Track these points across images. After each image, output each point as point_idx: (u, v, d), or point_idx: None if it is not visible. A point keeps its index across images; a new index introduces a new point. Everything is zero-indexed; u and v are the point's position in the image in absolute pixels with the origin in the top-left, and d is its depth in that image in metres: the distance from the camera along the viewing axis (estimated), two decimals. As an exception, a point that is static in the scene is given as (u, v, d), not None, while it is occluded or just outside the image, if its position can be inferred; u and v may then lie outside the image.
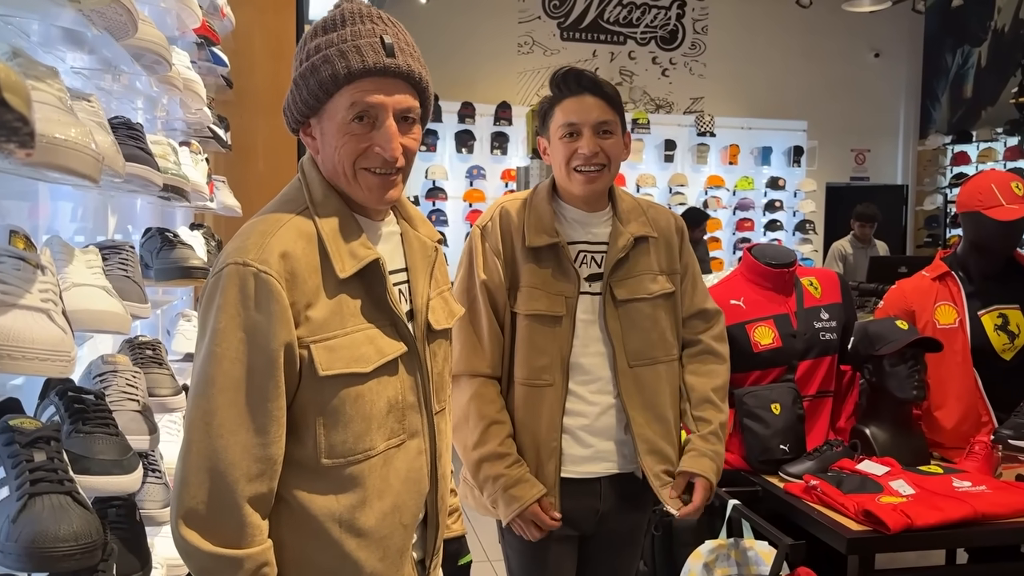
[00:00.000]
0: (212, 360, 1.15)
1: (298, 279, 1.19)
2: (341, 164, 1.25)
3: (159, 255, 1.71)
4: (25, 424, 0.92)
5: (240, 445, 1.15)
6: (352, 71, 1.21)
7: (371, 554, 1.26)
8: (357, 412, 1.23)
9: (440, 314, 1.41)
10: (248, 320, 1.16)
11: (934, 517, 2.00)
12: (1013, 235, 2.55)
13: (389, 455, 1.28)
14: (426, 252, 1.40)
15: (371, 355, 1.24)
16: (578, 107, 1.81)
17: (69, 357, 0.82)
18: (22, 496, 0.84)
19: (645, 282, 1.90)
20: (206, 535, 1.15)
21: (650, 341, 1.89)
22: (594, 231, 1.91)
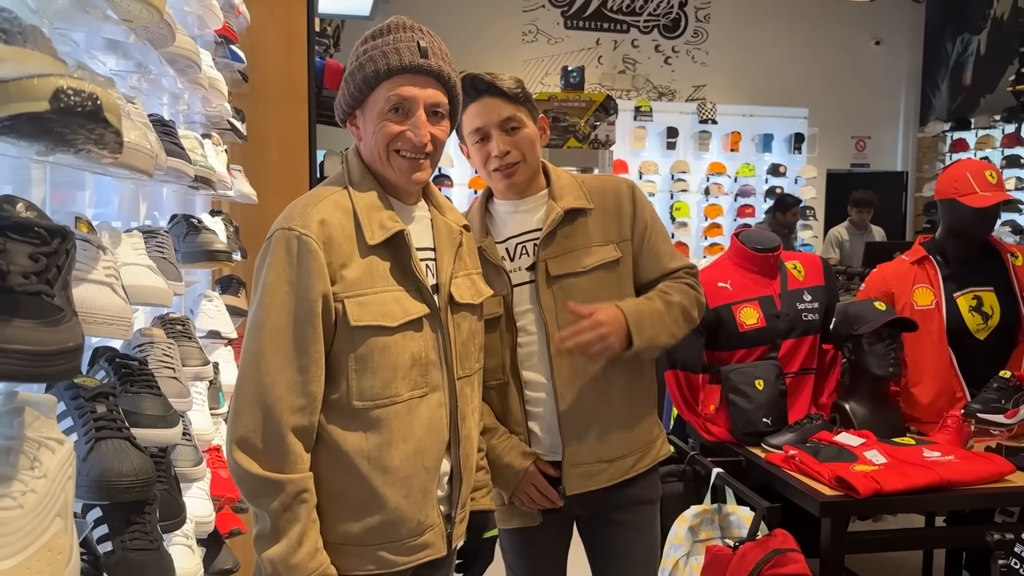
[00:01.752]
0: (262, 309, 1.38)
1: (334, 243, 1.41)
2: (378, 147, 1.48)
3: (185, 239, 1.87)
4: (87, 382, 1.08)
5: (285, 382, 1.37)
6: (391, 68, 1.44)
7: (396, 491, 1.45)
8: (384, 361, 1.43)
9: (464, 290, 1.60)
10: (292, 275, 1.38)
11: (902, 483, 2.15)
12: (987, 221, 2.69)
13: (412, 404, 1.47)
14: (452, 235, 1.60)
15: (397, 312, 1.44)
16: (480, 110, 1.80)
17: (130, 323, 0.98)
18: (89, 440, 1.00)
19: (581, 256, 1.86)
20: (255, 459, 1.36)
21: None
22: (529, 218, 1.89)
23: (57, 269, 0.77)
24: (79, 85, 0.65)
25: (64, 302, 0.76)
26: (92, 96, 0.66)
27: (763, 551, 2.06)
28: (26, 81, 0.62)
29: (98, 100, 0.66)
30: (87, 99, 0.66)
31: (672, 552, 2.31)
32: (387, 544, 1.48)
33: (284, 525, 1.38)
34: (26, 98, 0.62)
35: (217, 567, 2.08)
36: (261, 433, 1.37)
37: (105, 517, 1.18)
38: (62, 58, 0.71)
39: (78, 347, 0.73)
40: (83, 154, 0.70)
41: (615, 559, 1.99)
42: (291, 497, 1.38)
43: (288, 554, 1.38)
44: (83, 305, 0.88)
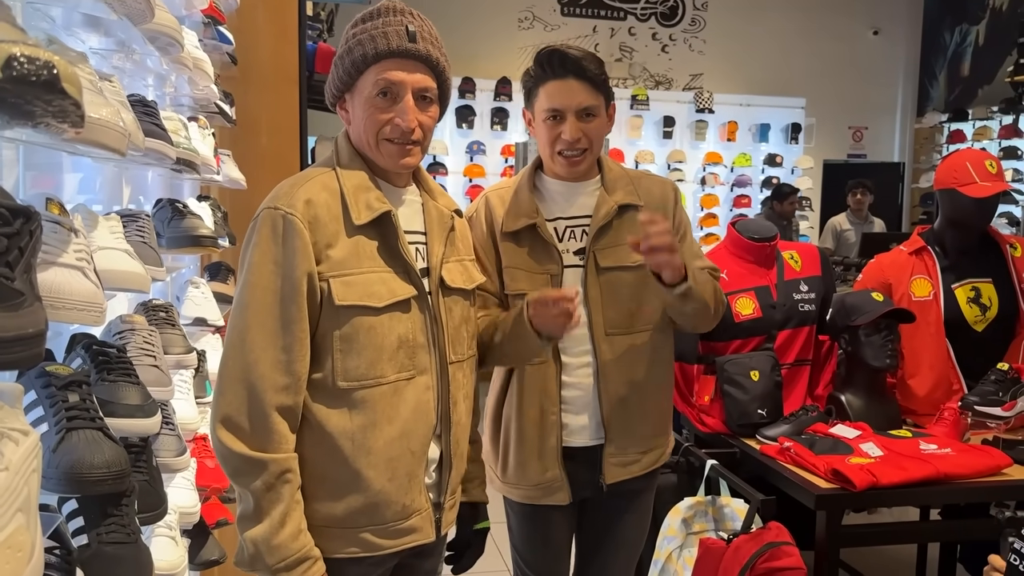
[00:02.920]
0: (247, 288, 1.38)
1: (320, 222, 1.41)
2: (366, 134, 1.47)
3: (170, 224, 1.82)
4: (60, 370, 1.04)
5: (269, 360, 1.36)
6: (379, 52, 1.43)
7: (380, 473, 1.44)
8: (370, 342, 1.42)
9: (456, 275, 1.59)
10: (277, 253, 1.38)
11: (898, 476, 2.12)
12: (986, 211, 2.66)
13: (399, 386, 1.46)
14: (443, 219, 1.60)
15: (383, 293, 1.43)
16: (562, 91, 1.80)
17: (102, 309, 0.93)
18: (60, 431, 0.96)
19: (630, 251, 1.85)
20: (239, 438, 1.36)
21: (628, 311, 1.89)
22: (579, 203, 1.91)
23: (19, 251, 0.73)
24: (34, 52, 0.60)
25: (26, 286, 0.72)
26: (48, 64, 0.62)
27: (757, 544, 2.04)
28: (-24, 48, 0.58)
29: (54, 69, 0.62)
30: (42, 67, 0.61)
31: (665, 544, 2.28)
32: (371, 527, 1.47)
33: (267, 505, 1.37)
34: (-25, 66, 0.58)
35: (203, 558, 2.05)
36: (246, 412, 1.36)
37: (81, 509, 1.14)
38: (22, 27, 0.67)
39: (39, 333, 0.69)
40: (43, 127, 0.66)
41: (607, 539, 2.03)
42: (274, 477, 1.37)
43: (270, 534, 1.37)
44: (50, 290, 0.84)
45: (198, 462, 2.03)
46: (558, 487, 1.90)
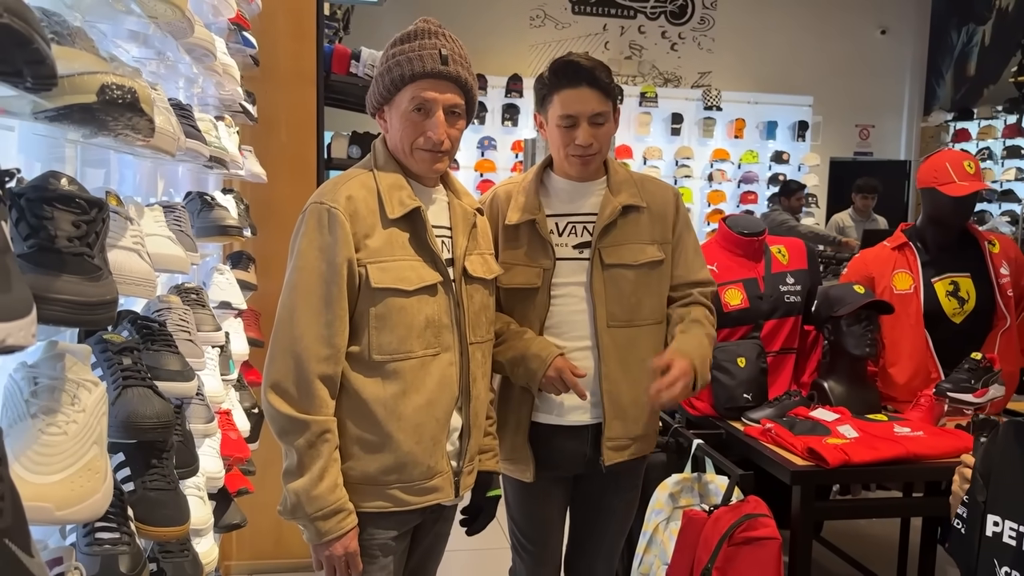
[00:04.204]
0: (295, 271, 1.58)
1: (359, 216, 1.62)
2: (402, 143, 1.68)
3: (200, 215, 2.01)
4: (114, 338, 1.22)
5: (313, 334, 1.56)
6: (415, 73, 1.63)
7: (408, 436, 1.64)
8: (400, 321, 1.62)
9: (477, 266, 1.79)
10: (322, 241, 1.58)
11: (869, 455, 2.28)
12: (964, 209, 2.79)
13: (425, 361, 1.66)
14: (467, 216, 1.80)
15: (413, 279, 1.64)
16: (576, 99, 1.91)
17: (155, 284, 1.11)
18: (117, 387, 1.14)
19: (633, 250, 2.01)
20: (286, 401, 1.57)
21: (629, 305, 2.01)
22: (584, 201, 2.04)
23: (96, 235, 0.91)
24: (120, 81, 0.78)
25: (102, 262, 0.89)
26: (131, 90, 0.79)
27: (736, 515, 2.20)
28: (77, 77, 0.75)
29: (136, 93, 0.80)
30: (127, 92, 0.79)
31: (653, 517, 2.44)
32: (400, 484, 1.67)
33: (308, 461, 1.57)
34: (77, 91, 0.75)
35: (226, 522, 2.23)
36: (292, 379, 1.56)
37: (127, 461, 1.32)
38: (103, 55, 0.84)
39: (114, 300, 0.87)
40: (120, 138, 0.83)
41: (599, 512, 2.18)
42: (315, 436, 1.57)
43: (310, 486, 1.57)
44: (115, 267, 1.02)
45: (222, 434, 2.21)
46: (524, 464, 2.03)
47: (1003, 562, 1.50)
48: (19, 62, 0.59)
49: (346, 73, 3.47)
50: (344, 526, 1.61)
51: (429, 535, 1.84)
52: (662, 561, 2.36)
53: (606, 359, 1.99)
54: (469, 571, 3.58)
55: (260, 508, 3.26)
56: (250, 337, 2.74)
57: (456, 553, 3.60)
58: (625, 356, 2.01)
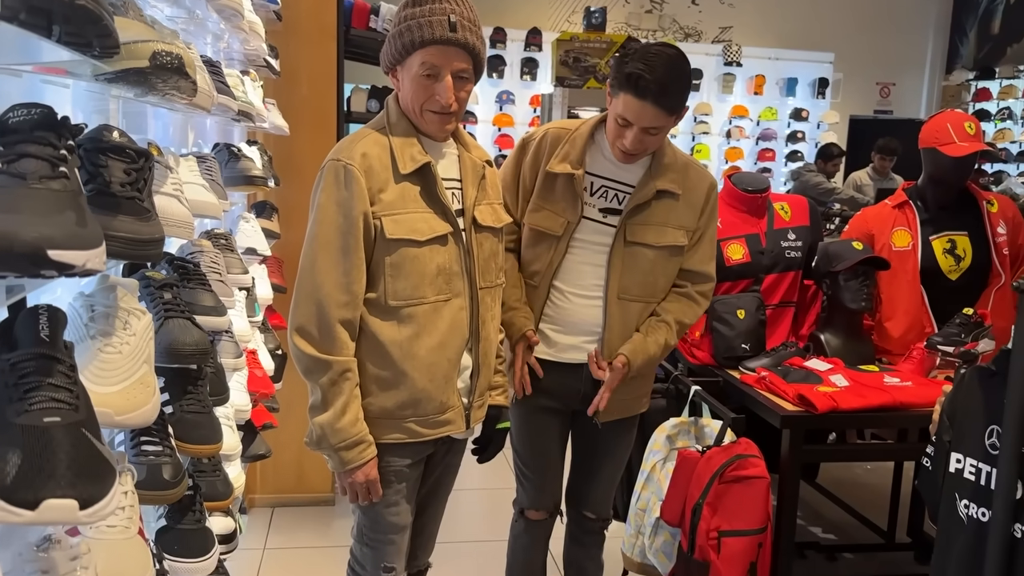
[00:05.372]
0: (315, 223, 1.71)
1: (373, 171, 1.72)
2: (413, 104, 1.77)
3: (227, 165, 2.13)
4: (155, 276, 1.36)
5: (332, 282, 1.70)
6: (424, 40, 1.71)
7: (422, 375, 1.79)
8: (414, 269, 1.75)
9: (486, 215, 1.90)
10: (339, 195, 1.70)
11: (857, 402, 2.40)
12: (964, 169, 2.87)
13: (437, 306, 1.79)
14: (476, 168, 1.91)
15: (424, 229, 1.76)
16: (636, 110, 1.93)
17: (192, 227, 1.24)
18: (159, 319, 1.29)
19: (657, 232, 2.10)
20: (310, 343, 1.71)
21: (643, 283, 2.12)
22: (625, 171, 2.11)
23: (144, 181, 1.04)
24: (169, 48, 0.90)
25: (150, 205, 1.02)
26: (178, 56, 0.91)
27: (728, 455, 2.34)
28: (132, 45, 0.87)
29: (182, 59, 0.92)
30: (175, 59, 0.91)
31: (651, 457, 2.59)
32: (415, 418, 1.82)
33: (331, 397, 1.72)
34: (132, 57, 0.87)
35: (252, 452, 2.41)
36: (315, 323, 1.71)
37: (167, 387, 1.47)
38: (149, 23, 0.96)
39: (162, 238, 1.00)
40: (167, 97, 0.95)
41: (597, 448, 2.32)
42: (337, 375, 1.72)
43: (333, 420, 1.72)
44: (159, 211, 1.15)
45: (249, 371, 2.37)
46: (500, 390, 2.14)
47: (963, 496, 1.63)
48: (91, 35, 0.71)
49: (365, 28, 3.56)
50: (365, 456, 1.77)
51: (440, 465, 1.99)
52: (658, 498, 2.51)
53: (610, 328, 2.12)
54: (478, 508, 3.77)
55: (283, 445, 3.46)
56: (274, 283, 2.89)
57: (467, 492, 3.81)
58: (628, 327, 2.14)
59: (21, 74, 0.92)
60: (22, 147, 0.75)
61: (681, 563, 2.38)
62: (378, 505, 1.83)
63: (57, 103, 1.03)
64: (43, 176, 0.74)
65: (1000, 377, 1.57)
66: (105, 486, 0.76)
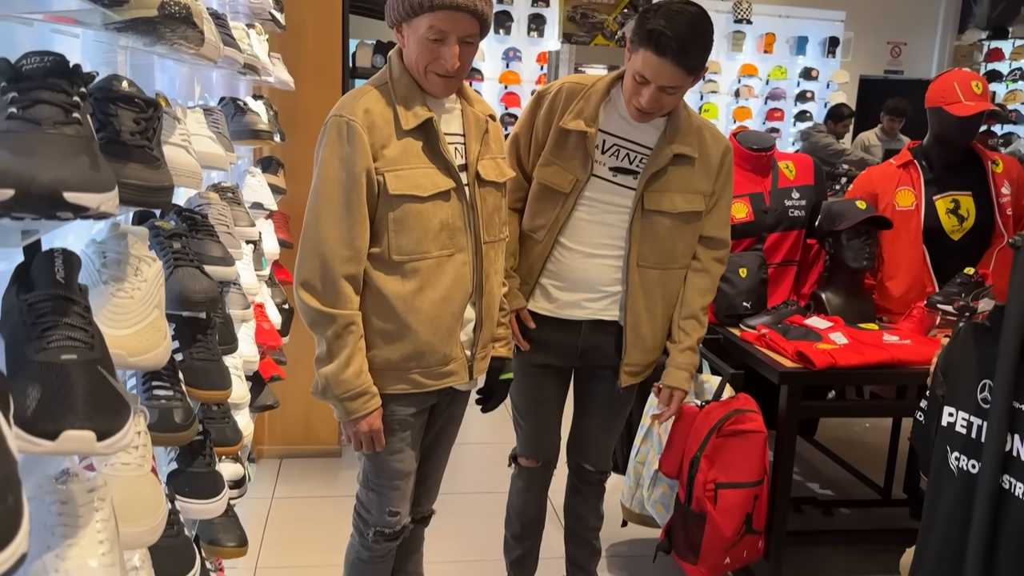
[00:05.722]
0: (319, 179, 1.73)
1: (376, 127, 1.73)
2: (417, 64, 1.76)
3: (233, 119, 2.15)
4: (165, 225, 1.39)
5: (336, 237, 1.72)
6: (434, 4, 1.69)
7: (425, 328, 1.82)
8: (417, 224, 1.77)
9: (489, 170, 1.91)
10: (342, 151, 1.70)
11: (855, 359, 2.43)
12: (970, 129, 2.86)
13: (441, 260, 1.81)
14: (479, 123, 1.91)
15: (427, 185, 1.77)
16: (655, 68, 1.90)
17: (200, 177, 1.27)
18: (169, 267, 1.32)
19: (675, 199, 2.09)
20: (315, 297, 1.74)
21: (662, 250, 2.12)
22: (639, 132, 2.09)
23: (153, 130, 1.06)
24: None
25: (159, 154, 1.05)
26: (186, 6, 0.93)
27: (726, 410, 2.38)
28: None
29: (189, 8, 0.93)
30: (183, 8, 0.93)
31: (651, 411, 2.64)
32: (419, 369, 1.86)
33: (336, 349, 1.76)
34: (142, 7, 0.89)
35: (260, 403, 2.46)
36: (319, 277, 1.73)
37: (177, 335, 1.51)
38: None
39: (172, 187, 1.03)
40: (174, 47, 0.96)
41: (596, 403, 2.36)
42: (341, 328, 1.75)
43: (338, 371, 1.77)
44: (168, 161, 1.17)
45: (256, 324, 2.41)
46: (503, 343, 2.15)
47: (954, 448, 1.67)
48: (101, -16, 0.73)
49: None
50: (368, 407, 1.81)
51: (444, 415, 2.04)
52: (657, 452, 2.56)
53: (632, 294, 2.14)
54: (482, 461, 3.84)
55: (291, 398, 3.52)
56: (280, 239, 2.92)
57: (471, 446, 3.87)
58: (650, 294, 2.16)
59: (32, 23, 0.94)
60: (36, 93, 0.77)
61: (678, 514, 2.44)
62: (383, 452, 1.88)
63: (67, 53, 1.05)
64: (57, 122, 0.76)
65: (993, 333, 1.60)
66: (121, 420, 0.79)
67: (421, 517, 2.12)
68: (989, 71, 8.43)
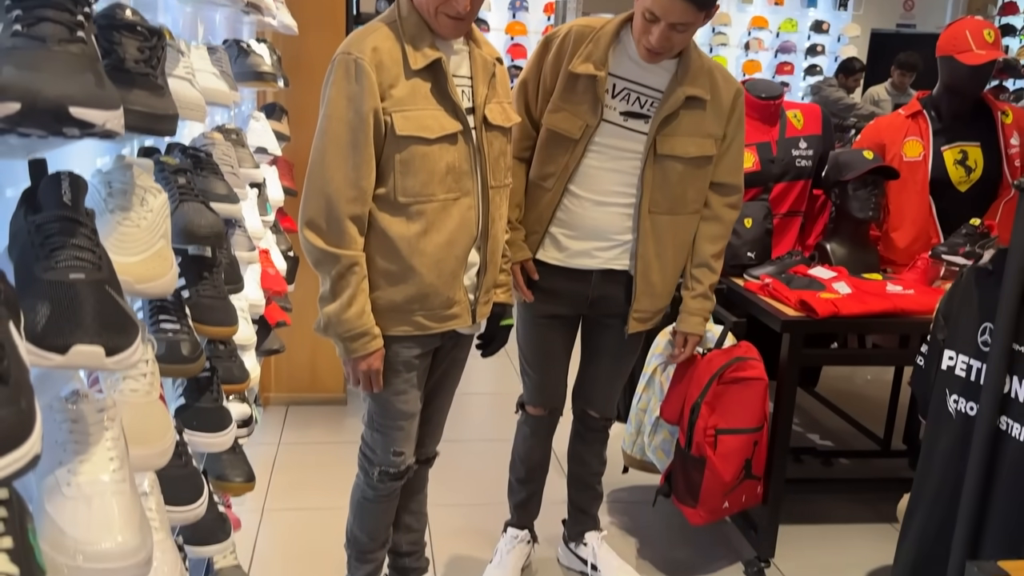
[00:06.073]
0: (326, 118, 1.71)
1: (384, 66, 1.72)
2: (428, 5, 1.74)
3: (236, 61, 2.13)
4: (170, 161, 1.39)
5: (342, 177, 1.72)
6: None
7: (429, 270, 1.83)
8: (423, 166, 1.76)
9: (496, 114, 1.90)
10: (349, 90, 1.69)
11: (858, 308, 2.44)
12: (980, 78, 2.83)
13: (447, 204, 1.81)
14: (487, 65, 1.89)
15: (434, 127, 1.76)
16: (665, 4, 1.87)
17: (205, 110, 1.27)
18: (174, 202, 1.32)
19: (686, 143, 2.07)
20: (320, 236, 1.75)
21: (674, 196, 2.11)
22: (650, 75, 2.06)
23: (157, 59, 1.06)
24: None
25: (164, 83, 1.05)
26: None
27: (727, 357, 2.40)
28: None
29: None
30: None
31: (653, 360, 2.66)
32: (422, 312, 1.87)
33: (339, 289, 1.78)
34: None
35: (266, 347, 2.48)
36: (324, 217, 1.74)
37: (183, 272, 1.52)
38: None
39: (176, 115, 1.03)
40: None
41: (603, 351, 2.37)
42: (345, 268, 1.76)
43: (340, 311, 1.78)
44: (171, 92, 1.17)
45: (262, 269, 2.43)
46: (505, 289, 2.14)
47: (953, 391, 1.68)
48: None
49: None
50: (369, 347, 1.83)
51: (447, 359, 2.06)
52: (658, 399, 2.59)
53: (643, 241, 2.13)
54: (486, 411, 3.88)
55: (297, 346, 3.55)
56: (284, 186, 2.91)
57: (475, 395, 3.91)
58: (661, 240, 2.15)
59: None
60: (40, 11, 0.77)
61: (678, 459, 2.47)
62: (387, 393, 1.91)
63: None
64: (61, 39, 0.76)
65: (996, 277, 1.60)
66: (129, 337, 0.81)
67: (425, 458, 2.15)
68: (1003, 25, 8.29)
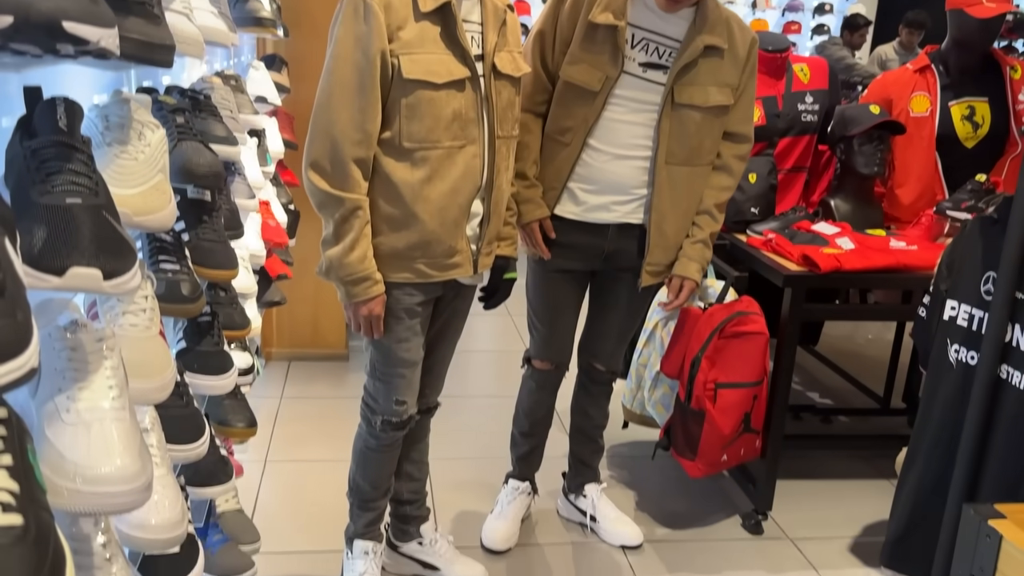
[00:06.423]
0: (332, 58, 1.70)
1: (392, 8, 1.69)
2: None
3: (235, 6, 2.10)
4: (168, 100, 1.37)
5: (347, 118, 1.70)
6: None
7: (432, 217, 1.82)
8: (429, 112, 1.74)
9: (506, 63, 1.87)
10: (357, 30, 1.67)
11: (860, 263, 2.43)
12: (989, 32, 2.79)
13: (452, 151, 1.80)
14: (497, 13, 1.87)
15: (442, 72, 1.74)
16: None
17: (203, 47, 1.25)
18: (173, 140, 1.31)
19: (704, 92, 2.06)
20: (324, 178, 1.74)
21: (690, 147, 2.10)
22: (668, 24, 2.05)
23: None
24: None
25: (160, 14, 1.03)
26: None
27: (728, 312, 2.40)
28: None
29: None
30: None
31: (655, 315, 2.65)
32: (424, 259, 1.87)
33: (342, 232, 1.77)
34: None
35: (268, 299, 2.48)
36: (328, 158, 1.73)
37: (182, 215, 1.51)
38: None
39: (173, 46, 1.01)
40: None
41: (611, 305, 2.37)
42: (349, 211, 1.75)
43: (342, 255, 1.78)
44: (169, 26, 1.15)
45: (262, 220, 2.42)
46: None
47: (954, 341, 1.68)
48: None
49: None
50: (370, 292, 1.83)
51: (449, 308, 2.06)
52: (659, 355, 2.59)
53: (659, 193, 2.11)
54: (489, 368, 3.90)
55: (299, 301, 3.56)
56: (285, 139, 2.89)
57: (478, 353, 3.92)
58: (676, 192, 2.13)
59: None
60: (30, -73, 0.75)
61: (678, 412, 2.48)
62: (389, 340, 1.91)
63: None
64: (54, -44, 0.74)
65: (1000, 225, 1.59)
66: (127, 262, 0.80)
67: (427, 408, 2.16)
68: (1015, -15, 8.16)
